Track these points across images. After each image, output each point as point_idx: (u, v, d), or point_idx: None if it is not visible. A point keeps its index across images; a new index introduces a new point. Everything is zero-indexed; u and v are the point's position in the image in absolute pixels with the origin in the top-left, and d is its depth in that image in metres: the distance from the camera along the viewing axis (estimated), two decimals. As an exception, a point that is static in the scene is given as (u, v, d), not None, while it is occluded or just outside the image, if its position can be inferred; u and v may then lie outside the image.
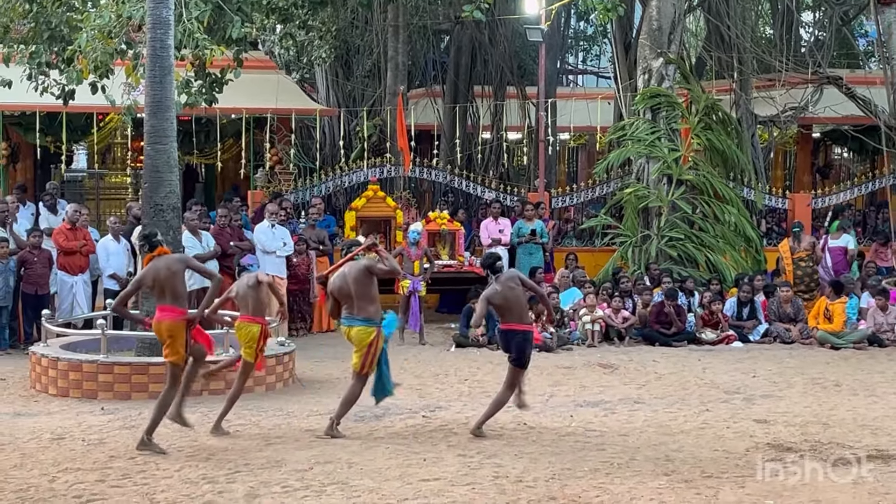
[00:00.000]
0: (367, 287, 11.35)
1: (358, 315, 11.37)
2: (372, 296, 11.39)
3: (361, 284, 11.35)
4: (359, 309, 11.36)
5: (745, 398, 13.68)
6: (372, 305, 11.36)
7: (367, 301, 11.35)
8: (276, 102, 22.20)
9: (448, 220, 20.38)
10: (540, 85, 23.49)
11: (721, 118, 22.24)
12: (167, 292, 11.01)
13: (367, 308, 11.35)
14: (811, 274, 20.52)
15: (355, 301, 11.37)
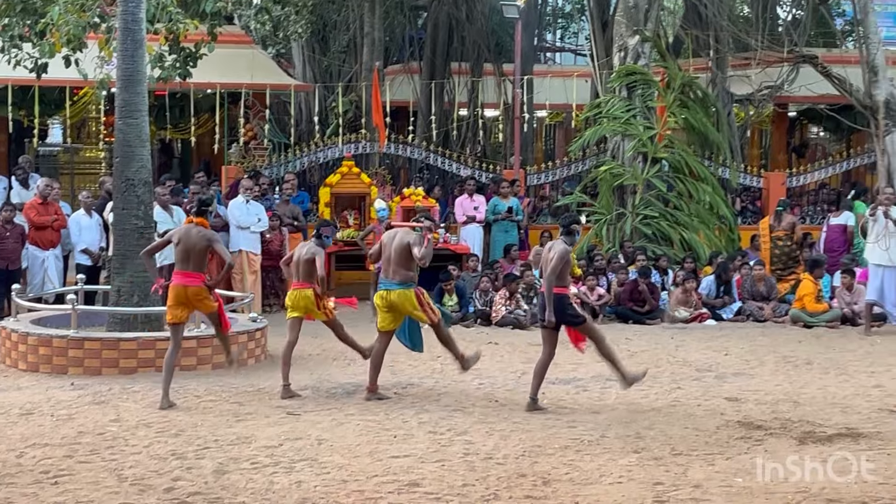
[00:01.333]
0: (404, 257, 11.97)
1: (394, 279, 12.03)
2: (407, 265, 11.98)
3: (399, 254, 11.98)
4: (394, 273, 12.04)
5: (716, 376, 13.71)
6: (406, 272, 11.99)
7: (402, 267, 11.99)
8: (251, 77, 22.10)
9: (423, 197, 20.33)
10: (516, 62, 23.44)
11: (697, 96, 22.25)
12: (191, 259, 11.74)
13: (402, 272, 11.99)
14: (789, 253, 20.52)
15: (392, 266, 12.06)
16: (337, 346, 15.27)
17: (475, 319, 17.96)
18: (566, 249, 11.60)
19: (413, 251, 11.90)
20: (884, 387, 13.25)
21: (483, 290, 18.32)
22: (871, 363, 14.95)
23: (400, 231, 12.33)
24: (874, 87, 21.89)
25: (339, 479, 8.88)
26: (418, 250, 11.87)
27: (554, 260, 11.49)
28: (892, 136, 21.77)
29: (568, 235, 11.78)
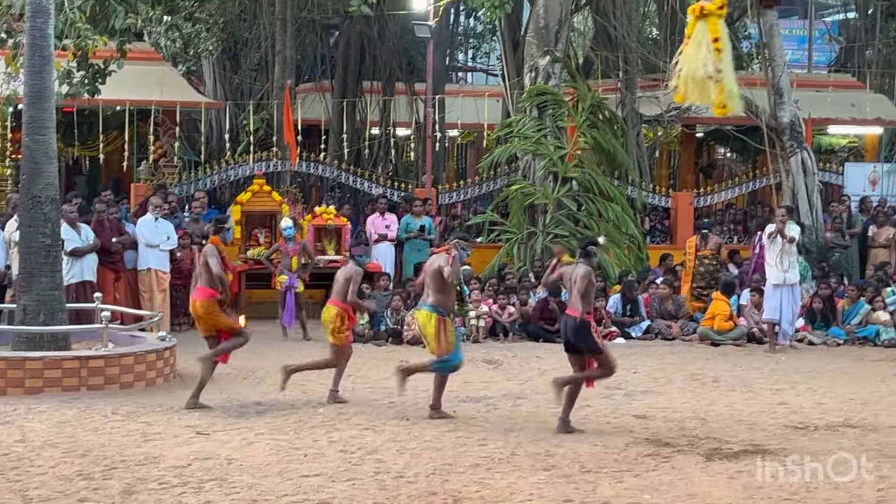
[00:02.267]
0: (437, 280, 12.28)
1: (426, 301, 12.43)
2: (439, 289, 12.27)
3: (433, 278, 12.34)
4: (427, 296, 12.45)
5: (625, 394, 13.84)
6: (439, 296, 12.27)
7: (434, 290, 12.30)
8: (160, 94, 21.92)
9: (334, 216, 20.29)
10: (428, 81, 23.52)
11: (607, 117, 22.48)
12: (202, 275, 12.76)
13: (434, 295, 12.30)
14: (713, 272, 20.71)
15: (426, 289, 12.48)
16: (247, 365, 15.23)
17: (387, 338, 17.95)
18: (588, 270, 11.81)
19: (443, 271, 12.18)
20: (788, 404, 13.48)
21: (395, 309, 18.32)
22: (776, 380, 15.20)
23: (436, 256, 12.72)
24: (779, 109, 22.29)
25: (248, 498, 8.83)
26: (447, 270, 12.14)
27: (578, 282, 11.67)
28: (797, 157, 22.18)
29: (586, 258, 11.96)
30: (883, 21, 30.24)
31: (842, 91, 27.46)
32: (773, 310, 18.11)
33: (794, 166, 22.20)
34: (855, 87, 28.30)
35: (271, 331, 18.42)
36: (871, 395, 14.12)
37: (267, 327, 18.71)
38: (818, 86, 27.74)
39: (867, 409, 13.27)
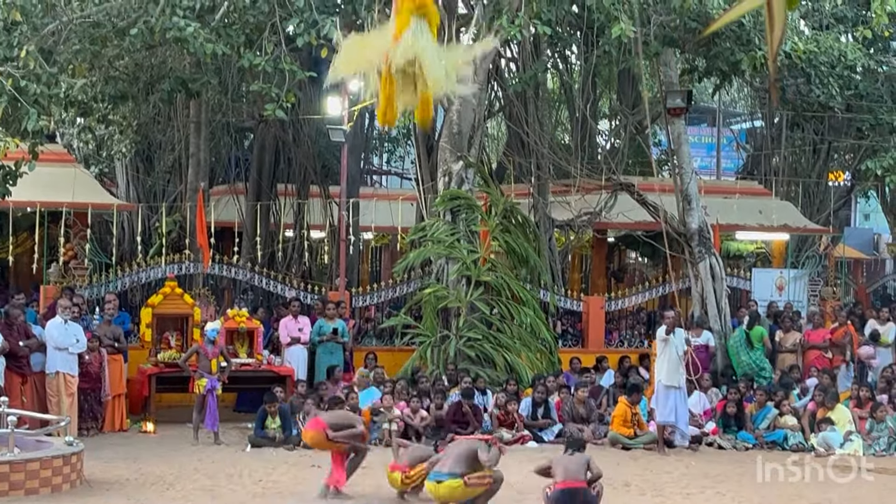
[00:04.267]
0: (467, 457, 12.44)
1: (444, 470, 12.44)
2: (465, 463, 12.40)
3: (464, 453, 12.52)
4: (448, 466, 12.44)
5: (537, 499, 13.81)
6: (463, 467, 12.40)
7: (458, 463, 12.40)
8: (72, 196, 21.75)
9: (247, 318, 20.21)
10: (342, 184, 23.67)
11: (519, 221, 22.70)
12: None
13: (455, 465, 12.41)
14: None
15: (448, 460, 12.51)
16: (155, 470, 15.03)
17: (299, 442, 17.80)
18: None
19: (481, 456, 12.31)
20: (698, 508, 13.58)
21: (307, 413, 18.20)
22: (686, 485, 15.31)
23: (468, 440, 13.02)
24: (688, 215, 22.69)
25: None
26: (485, 455, 12.32)
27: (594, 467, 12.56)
28: (705, 262, 22.54)
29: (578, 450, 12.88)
30: (788, 130, 31.03)
31: (749, 198, 28.03)
32: (668, 412, 18.28)
33: (703, 271, 22.56)
34: (762, 193, 28.91)
35: (181, 435, 18.22)
36: (778, 498, 14.25)
37: (177, 431, 18.52)
38: (726, 192, 28.33)
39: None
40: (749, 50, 21.10)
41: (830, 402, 19.10)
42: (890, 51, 28.10)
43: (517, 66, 25.86)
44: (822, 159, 31.28)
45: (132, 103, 23.40)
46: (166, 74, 20.64)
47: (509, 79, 26.20)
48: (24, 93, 16.08)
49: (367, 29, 17.08)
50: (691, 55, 23.37)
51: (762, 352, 21.64)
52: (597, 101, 29.77)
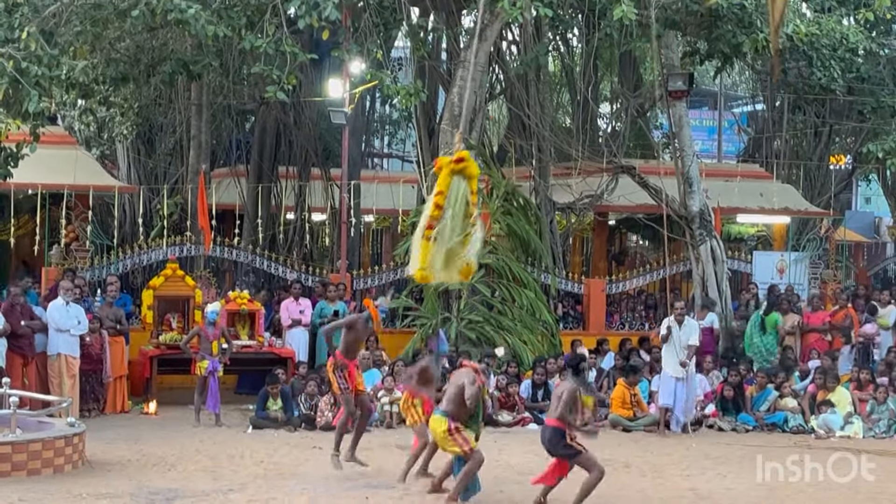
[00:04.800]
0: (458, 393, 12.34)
1: (440, 407, 12.46)
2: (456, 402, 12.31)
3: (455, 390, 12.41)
4: (443, 403, 12.48)
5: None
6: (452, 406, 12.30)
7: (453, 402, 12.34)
8: (73, 178, 21.80)
9: (248, 300, 20.24)
10: (344, 167, 23.64)
11: (520, 204, 22.71)
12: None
13: (448, 405, 12.36)
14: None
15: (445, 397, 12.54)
16: (157, 451, 15.09)
17: (300, 424, 17.84)
18: (575, 388, 12.25)
19: (465, 392, 12.23)
20: (698, 489, 13.64)
21: (309, 395, 18.24)
22: (686, 466, 15.36)
23: (462, 371, 12.74)
24: (689, 198, 22.69)
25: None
26: (468, 391, 12.21)
27: (565, 396, 12.14)
28: (706, 245, 22.55)
29: (576, 375, 12.50)
30: (790, 113, 30.96)
31: (750, 181, 28.02)
32: (668, 395, 18.45)
33: (704, 254, 22.57)
34: (763, 177, 28.88)
35: (183, 416, 18.27)
36: (778, 480, 14.28)
37: (178, 413, 18.58)
38: (727, 175, 28.32)
39: (774, 494, 13.45)
40: (751, 32, 21.07)
41: (831, 383, 19.14)
42: (892, 33, 28.02)
43: (518, 48, 25.81)
44: (823, 142, 31.24)
45: (133, 85, 23.34)
46: (167, 56, 20.62)
47: (510, 61, 26.17)
48: (25, 74, 16.06)
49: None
50: (693, 38, 23.32)
51: (775, 337, 21.68)
52: (598, 83, 29.71)
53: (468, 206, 10.18)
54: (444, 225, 10.17)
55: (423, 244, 10.17)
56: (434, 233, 10.20)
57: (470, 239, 10.30)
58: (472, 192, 10.21)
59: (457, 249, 10.26)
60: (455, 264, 10.45)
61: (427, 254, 10.23)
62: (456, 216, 10.16)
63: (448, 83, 23.63)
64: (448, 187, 10.20)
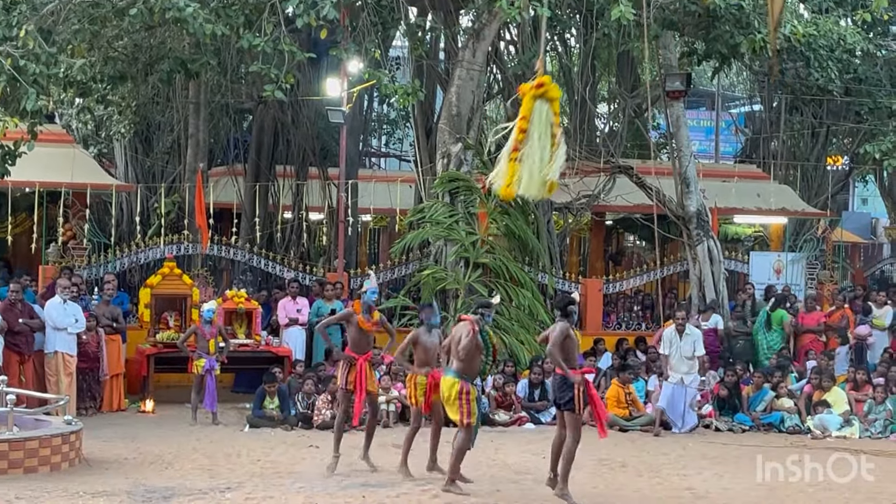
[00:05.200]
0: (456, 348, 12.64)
1: (450, 367, 12.76)
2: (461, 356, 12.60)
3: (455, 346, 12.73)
4: (451, 363, 12.79)
5: (535, 479, 13.86)
6: (461, 363, 12.62)
7: (457, 358, 12.66)
8: (71, 177, 21.78)
9: (245, 299, 20.25)
10: (341, 166, 23.66)
11: (518, 203, 22.66)
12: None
13: (457, 363, 12.66)
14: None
15: (451, 356, 12.80)
16: (154, 450, 15.09)
17: (297, 423, 17.84)
18: (566, 326, 12.38)
19: (460, 344, 12.54)
20: (695, 489, 13.65)
21: (306, 393, 18.25)
22: (683, 466, 15.37)
23: (461, 324, 12.98)
24: (686, 198, 22.71)
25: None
26: (463, 343, 12.49)
27: (555, 332, 12.30)
28: (703, 245, 22.57)
29: (566, 317, 12.48)
30: (787, 114, 31.00)
31: (747, 181, 28.08)
32: (665, 398, 18.58)
33: (701, 254, 22.60)
34: (760, 177, 28.93)
35: (180, 415, 18.28)
36: (776, 480, 14.31)
37: (175, 411, 18.58)
38: (724, 176, 28.35)
39: (773, 494, 13.47)
40: (748, 33, 21.08)
41: (827, 383, 19.17)
42: (889, 34, 28.12)
43: (516, 48, 25.84)
44: (820, 143, 31.25)
45: (131, 84, 23.34)
46: (165, 55, 20.61)
47: (508, 61, 26.18)
48: (23, 72, 16.06)
49: None
50: (690, 38, 23.34)
51: (780, 335, 21.73)
52: (596, 83, 29.73)
53: (552, 127, 10.98)
54: (531, 146, 10.94)
55: (510, 166, 11.04)
56: (520, 155, 11.02)
57: (554, 157, 11.01)
58: (555, 114, 11.08)
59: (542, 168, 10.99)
60: (540, 182, 11.19)
61: (514, 174, 11.07)
62: (542, 137, 10.96)
63: (446, 83, 23.66)
64: (531, 111, 11.03)
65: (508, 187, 11.49)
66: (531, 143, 11.16)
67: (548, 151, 11.04)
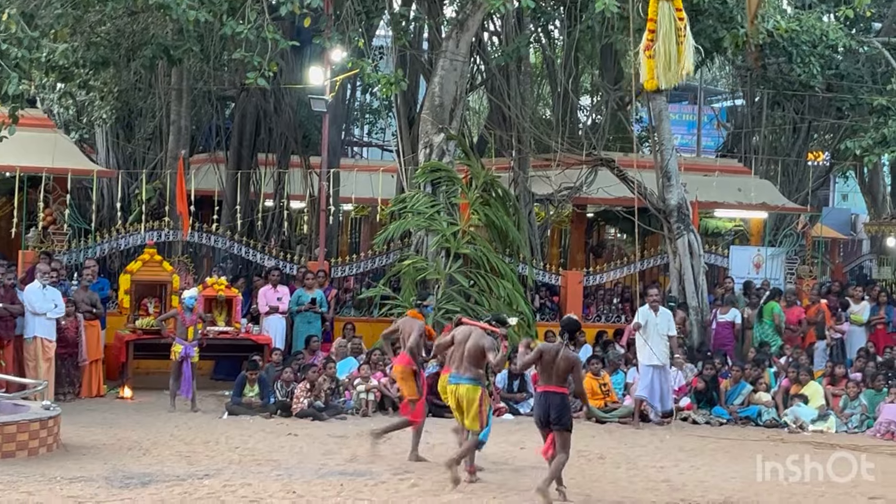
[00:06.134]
0: (477, 357, 12.80)
1: (465, 374, 12.82)
2: (479, 364, 12.83)
3: (473, 354, 12.81)
4: (465, 369, 12.84)
5: (513, 469, 13.93)
6: (478, 369, 12.85)
7: (473, 364, 12.82)
8: (52, 162, 21.69)
9: (226, 287, 20.23)
10: (323, 155, 23.63)
11: (499, 195, 22.72)
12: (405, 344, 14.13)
13: (473, 370, 12.84)
14: (679, 346, 21.01)
15: (463, 362, 12.86)
16: (132, 436, 15.07)
17: (276, 411, 17.83)
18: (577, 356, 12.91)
19: (489, 356, 12.61)
20: (671, 481, 13.71)
21: (285, 381, 18.24)
22: (660, 458, 15.43)
23: (475, 331, 13.03)
24: (667, 192, 22.76)
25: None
26: (493, 356, 12.56)
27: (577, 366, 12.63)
28: (683, 239, 22.62)
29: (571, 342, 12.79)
30: (769, 109, 31.07)
31: (728, 176, 28.15)
32: (644, 388, 18.52)
33: (681, 248, 22.65)
34: (741, 172, 29.02)
35: (158, 401, 18.26)
36: (752, 473, 14.38)
37: (154, 397, 18.57)
38: (706, 170, 28.43)
39: (749, 488, 13.52)
40: (731, 28, 21.16)
41: (804, 377, 19.27)
42: (871, 31, 28.19)
43: (500, 39, 25.87)
44: (801, 139, 31.36)
45: (113, 69, 23.30)
46: (148, 41, 20.57)
47: (492, 52, 26.20)
48: (5, 56, 16.00)
49: None
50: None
51: (770, 326, 21.84)
52: (579, 76, 29.79)
53: (677, 22, 12.34)
54: (660, 43, 12.33)
55: (647, 62, 12.47)
56: (652, 52, 12.42)
57: (683, 48, 12.33)
58: (678, 9, 12.41)
59: (677, 57, 12.30)
60: (675, 69, 12.53)
61: (652, 68, 12.45)
62: (668, 33, 12.36)
63: (429, 73, 23.67)
64: (657, 13, 12.48)
65: (650, 81, 12.90)
66: (661, 38, 12.59)
67: (674, 45, 12.37)
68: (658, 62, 12.70)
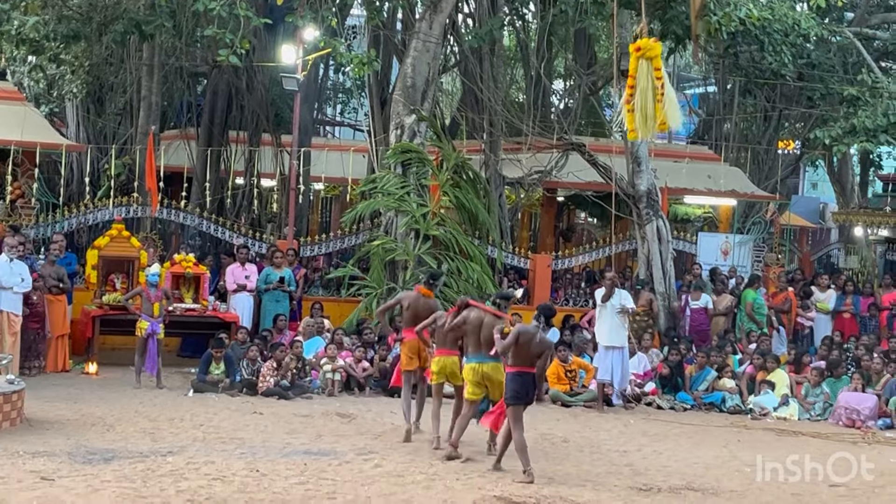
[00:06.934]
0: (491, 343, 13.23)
1: (489, 354, 13.33)
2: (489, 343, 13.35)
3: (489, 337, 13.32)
4: (487, 348, 13.37)
5: (476, 451, 13.97)
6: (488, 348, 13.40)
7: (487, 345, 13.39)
8: (21, 135, 21.55)
9: (193, 264, 20.18)
10: (294, 133, 23.58)
11: (470, 177, 22.74)
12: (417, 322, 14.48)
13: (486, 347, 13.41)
14: (645, 328, 21.10)
15: (483, 344, 13.46)
16: (96, 412, 15.05)
17: (241, 389, 17.82)
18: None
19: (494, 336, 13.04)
20: (634, 465, 13.78)
21: (251, 360, 18.22)
22: (624, 442, 15.51)
23: (487, 318, 13.57)
24: (637, 177, 22.84)
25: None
26: (498, 344, 12.88)
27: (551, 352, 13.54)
28: (652, 224, 22.72)
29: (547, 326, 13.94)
30: (740, 97, 31.17)
31: (698, 163, 28.26)
32: (605, 371, 18.59)
33: (650, 233, 22.75)
34: (711, 158, 29.12)
35: (124, 377, 18.22)
36: (714, 459, 14.49)
37: (120, 374, 18.52)
38: (676, 156, 28.49)
39: (710, 473, 13.63)
40: (704, 15, 21.16)
41: (771, 364, 19.40)
42: (843, 21, 28.31)
43: (474, 21, 25.83)
44: (772, 127, 31.49)
45: (85, 43, 23.16)
46: (120, 15, 20.46)
47: (465, 34, 26.18)
48: (-26, 29, 15.92)
49: None
50: (647, 18, 23.38)
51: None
52: (552, 60, 29.78)
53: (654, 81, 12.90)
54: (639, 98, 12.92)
55: (628, 116, 13.11)
56: (631, 106, 13.02)
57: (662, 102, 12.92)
58: (656, 68, 12.97)
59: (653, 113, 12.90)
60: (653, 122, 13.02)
61: (633, 120, 13.05)
62: (645, 90, 12.92)
63: (402, 54, 23.64)
64: (636, 69, 13.00)
65: (633, 132, 13.46)
66: (638, 94, 13.07)
67: (650, 102, 12.91)
68: (636, 115, 13.29)
